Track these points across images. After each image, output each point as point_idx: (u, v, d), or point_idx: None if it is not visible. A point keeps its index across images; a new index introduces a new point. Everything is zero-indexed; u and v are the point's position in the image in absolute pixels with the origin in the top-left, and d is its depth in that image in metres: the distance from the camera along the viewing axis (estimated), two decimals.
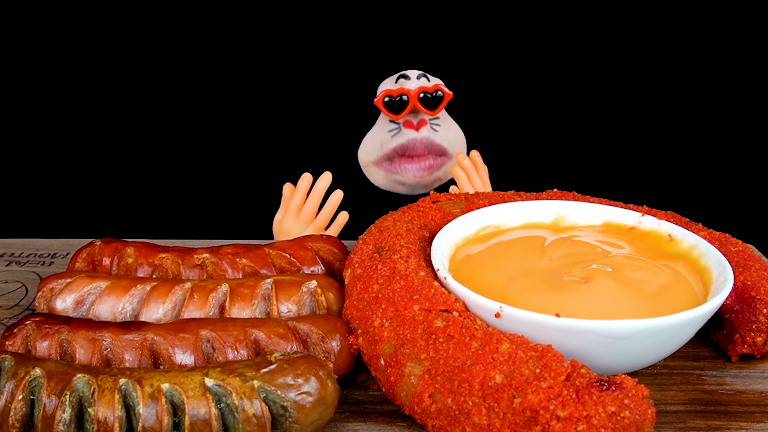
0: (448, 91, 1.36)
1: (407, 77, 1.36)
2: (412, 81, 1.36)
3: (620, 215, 1.06)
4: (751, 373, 0.94)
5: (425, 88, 1.35)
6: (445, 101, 1.37)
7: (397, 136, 1.39)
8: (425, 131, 1.38)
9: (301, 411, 0.77)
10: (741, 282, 0.95)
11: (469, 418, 0.74)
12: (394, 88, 1.36)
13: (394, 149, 1.41)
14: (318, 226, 1.37)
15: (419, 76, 1.37)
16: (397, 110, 1.35)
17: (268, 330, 0.87)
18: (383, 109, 1.36)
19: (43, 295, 0.96)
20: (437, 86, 1.35)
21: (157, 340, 0.85)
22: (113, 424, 0.74)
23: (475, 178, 1.39)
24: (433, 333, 0.80)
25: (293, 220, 1.36)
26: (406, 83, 1.35)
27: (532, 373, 0.73)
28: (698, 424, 0.85)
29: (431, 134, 1.39)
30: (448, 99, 1.37)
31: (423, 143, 1.39)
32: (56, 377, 0.76)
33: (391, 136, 1.39)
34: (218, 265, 1.03)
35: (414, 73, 1.37)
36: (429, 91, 1.34)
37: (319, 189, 1.35)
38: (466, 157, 1.39)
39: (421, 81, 1.37)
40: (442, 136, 1.41)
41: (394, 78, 1.40)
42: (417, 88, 1.35)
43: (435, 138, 1.40)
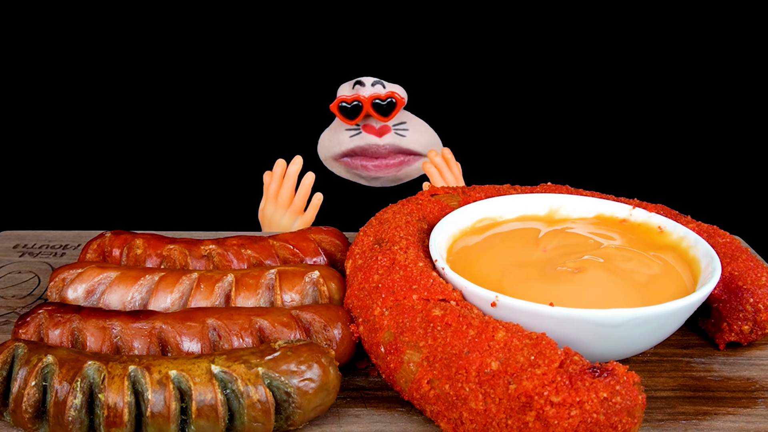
0: (402, 97, 1.35)
1: (362, 84, 1.36)
2: (367, 88, 1.35)
3: (612, 208, 1.06)
4: (738, 360, 0.94)
5: (378, 95, 1.34)
6: (398, 108, 1.36)
7: (356, 138, 1.38)
8: (389, 138, 1.38)
9: (304, 397, 0.77)
10: (728, 272, 0.94)
11: (466, 404, 0.74)
12: (348, 94, 1.36)
13: (352, 149, 1.40)
14: (295, 209, 1.37)
15: (374, 83, 1.36)
16: (351, 116, 1.34)
17: (272, 319, 0.87)
18: (338, 114, 1.36)
19: (55, 284, 0.96)
20: (391, 93, 1.34)
21: (165, 329, 0.85)
22: (123, 409, 0.74)
23: (447, 175, 1.39)
24: (431, 321, 0.80)
25: (273, 205, 1.37)
26: (360, 90, 1.35)
27: (527, 360, 0.73)
28: (687, 410, 0.85)
29: (396, 140, 1.39)
30: (401, 105, 1.36)
31: (387, 148, 1.38)
32: (68, 364, 0.76)
33: (350, 136, 1.39)
34: (224, 256, 1.03)
35: (369, 80, 1.36)
36: (382, 98, 1.34)
37: (292, 173, 1.35)
38: (437, 154, 1.39)
39: (376, 88, 1.36)
40: (410, 140, 1.40)
41: (351, 83, 1.39)
42: (370, 95, 1.34)
43: (402, 143, 1.39)
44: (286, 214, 1.37)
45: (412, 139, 1.39)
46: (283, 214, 1.36)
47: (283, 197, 1.35)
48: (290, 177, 1.36)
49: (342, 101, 1.33)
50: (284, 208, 1.36)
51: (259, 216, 1.43)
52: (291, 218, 1.37)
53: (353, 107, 1.32)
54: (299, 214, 1.38)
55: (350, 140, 1.39)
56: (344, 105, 1.33)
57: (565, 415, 0.69)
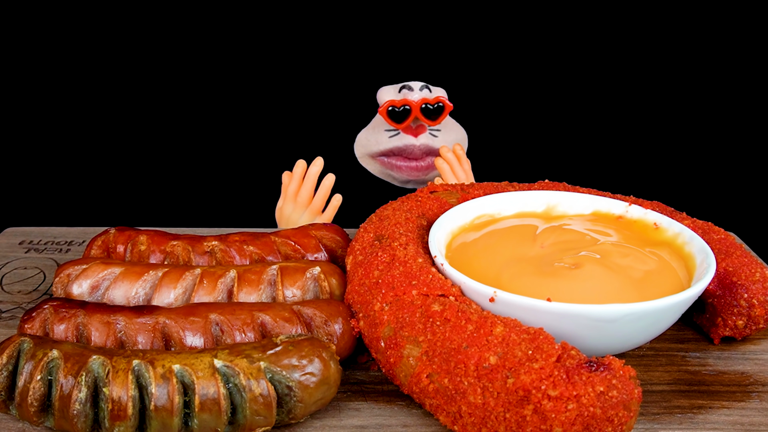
0: (449, 103, 1.36)
1: (410, 89, 1.36)
2: (415, 93, 1.36)
3: (608, 205, 1.06)
4: (732, 355, 0.94)
5: (427, 99, 1.35)
6: (445, 113, 1.37)
7: (395, 139, 1.39)
8: (423, 138, 1.39)
9: (306, 390, 0.77)
10: (723, 268, 0.94)
11: (465, 398, 0.74)
12: (397, 98, 1.36)
13: (390, 149, 1.41)
14: (314, 210, 1.37)
15: (422, 88, 1.37)
16: (399, 119, 1.35)
17: (274, 314, 0.87)
18: (386, 119, 1.36)
19: (61, 280, 0.96)
20: (438, 98, 1.35)
21: (168, 324, 0.85)
22: (127, 403, 0.74)
23: (458, 170, 1.39)
24: (430, 316, 0.80)
25: (291, 205, 1.37)
26: (409, 94, 1.36)
27: (525, 355, 0.73)
28: (682, 403, 0.85)
29: (429, 140, 1.40)
30: (449, 110, 1.37)
31: (421, 149, 1.39)
32: (73, 359, 0.76)
33: (389, 136, 1.39)
34: (226, 252, 1.03)
35: (417, 85, 1.37)
36: (431, 102, 1.34)
37: (312, 173, 1.36)
38: (449, 150, 1.39)
39: (424, 92, 1.37)
40: (441, 141, 1.42)
41: (396, 87, 1.39)
42: (419, 100, 1.35)
43: (434, 143, 1.41)
44: (305, 214, 1.37)
45: (442, 140, 1.40)
46: (301, 213, 1.37)
47: (302, 197, 1.36)
48: (311, 178, 1.36)
49: (392, 105, 1.34)
50: (303, 208, 1.36)
51: (276, 215, 1.43)
52: (309, 218, 1.37)
53: (402, 111, 1.33)
54: (317, 215, 1.38)
55: (389, 140, 1.40)
56: (393, 109, 1.33)
57: (563, 409, 0.69)
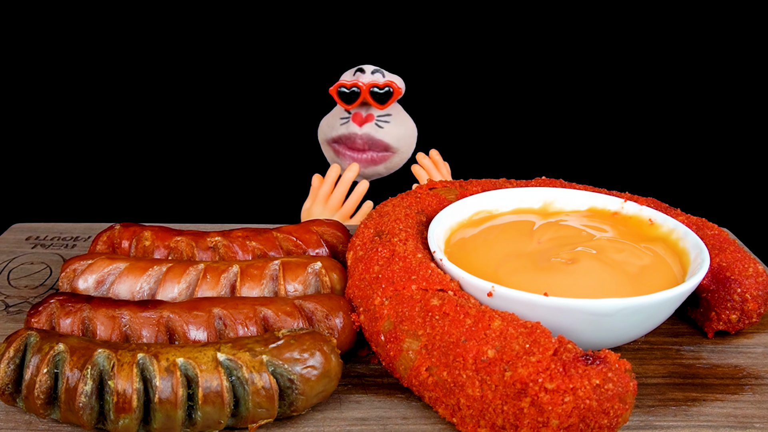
0: (400, 87, 1.37)
1: (363, 71, 1.37)
2: (366, 75, 1.36)
3: (604, 201, 1.06)
4: (726, 349, 0.94)
5: (376, 83, 1.35)
6: (394, 97, 1.37)
7: (343, 126, 1.40)
8: (367, 128, 1.39)
9: (307, 383, 0.77)
10: (717, 263, 0.94)
11: (464, 390, 0.74)
12: (348, 80, 1.37)
13: (337, 136, 1.42)
14: (344, 214, 1.37)
15: (374, 71, 1.37)
16: (349, 101, 1.36)
17: (276, 308, 0.87)
18: (336, 98, 1.37)
19: (67, 275, 0.95)
20: (389, 82, 1.35)
21: (172, 318, 0.85)
22: (132, 395, 0.74)
23: (435, 176, 1.39)
24: (429, 311, 0.80)
25: (321, 207, 1.37)
26: (360, 76, 1.36)
27: (522, 348, 0.73)
28: (677, 396, 0.85)
29: (372, 130, 1.39)
30: (398, 95, 1.37)
31: (362, 138, 1.39)
32: (78, 352, 0.76)
33: (340, 124, 1.40)
34: (229, 247, 1.03)
35: (369, 68, 1.38)
36: (380, 86, 1.35)
37: (347, 179, 1.36)
38: (425, 156, 1.39)
39: (375, 76, 1.37)
40: (386, 132, 1.41)
41: (353, 70, 1.40)
42: (369, 83, 1.35)
43: (376, 134, 1.40)
44: (335, 217, 1.37)
45: (388, 131, 1.40)
46: (331, 216, 1.37)
47: (333, 201, 1.37)
48: (344, 183, 1.37)
49: (341, 86, 1.34)
50: (333, 211, 1.37)
51: (303, 215, 1.43)
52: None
53: (351, 93, 1.34)
54: (347, 219, 1.38)
55: (339, 127, 1.40)
56: (343, 90, 1.34)
57: (559, 401, 0.69)
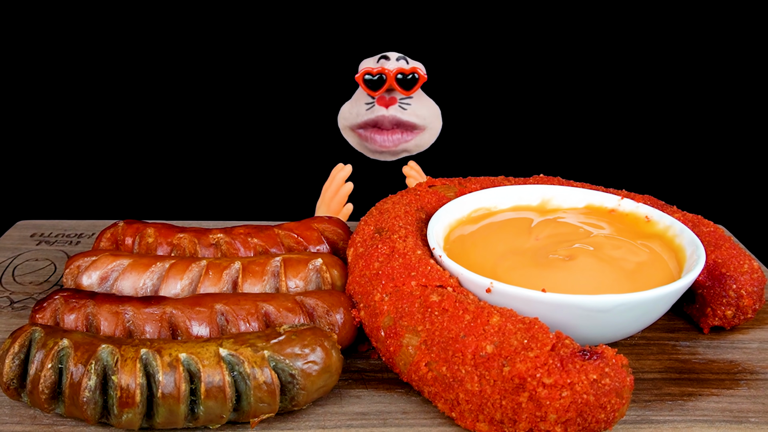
0: (424, 74, 1.38)
1: (387, 58, 1.38)
2: (392, 62, 1.37)
3: (601, 198, 1.06)
4: (721, 344, 0.94)
5: (403, 69, 1.36)
6: (419, 83, 1.38)
7: (370, 111, 1.41)
8: (393, 110, 1.40)
9: (308, 378, 0.77)
10: (712, 260, 0.94)
11: (462, 385, 0.74)
12: (374, 67, 1.38)
13: (365, 121, 1.43)
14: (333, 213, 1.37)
15: (399, 59, 1.39)
16: (374, 87, 1.37)
17: (278, 304, 0.87)
18: (362, 85, 1.38)
19: (71, 272, 0.95)
20: (414, 69, 1.36)
21: (175, 314, 0.85)
22: (135, 390, 0.74)
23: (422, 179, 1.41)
24: (429, 307, 0.80)
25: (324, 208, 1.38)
26: (386, 63, 1.37)
27: (520, 344, 0.73)
28: (673, 391, 0.85)
29: (398, 112, 1.41)
30: (423, 81, 1.39)
31: (390, 120, 1.40)
32: (82, 347, 0.76)
33: (366, 109, 1.41)
34: (231, 244, 1.03)
35: (394, 55, 1.39)
36: (406, 72, 1.36)
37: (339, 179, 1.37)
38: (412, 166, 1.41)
39: (400, 63, 1.38)
40: (410, 113, 1.42)
41: (376, 58, 1.41)
42: (395, 69, 1.36)
43: (402, 116, 1.41)
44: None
45: (412, 112, 1.41)
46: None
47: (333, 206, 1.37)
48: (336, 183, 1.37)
49: (367, 72, 1.35)
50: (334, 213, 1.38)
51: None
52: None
53: (378, 79, 1.35)
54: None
55: (366, 113, 1.41)
56: (369, 77, 1.35)
57: (557, 396, 0.69)
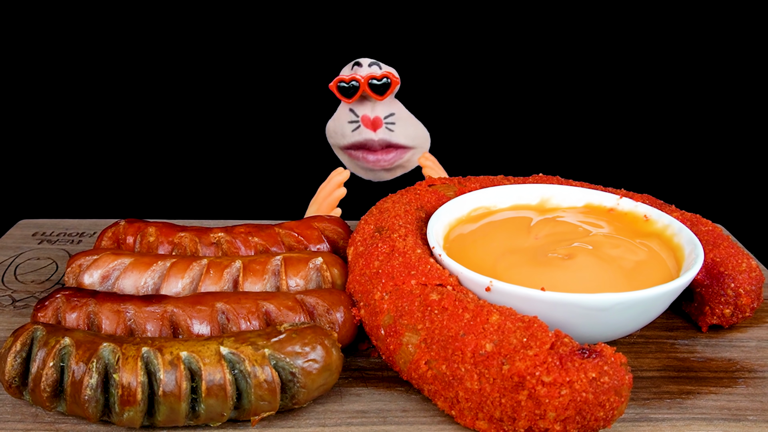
0: (396, 78, 1.37)
1: (360, 65, 1.37)
2: (364, 68, 1.36)
3: (600, 197, 1.06)
4: (719, 342, 0.94)
5: (374, 75, 1.35)
6: (392, 88, 1.37)
7: (356, 133, 1.39)
8: (381, 133, 1.39)
9: (308, 377, 0.77)
10: (710, 259, 0.94)
11: (462, 383, 0.74)
12: (347, 74, 1.37)
13: (353, 143, 1.42)
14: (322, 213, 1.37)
15: (371, 64, 1.37)
16: (348, 94, 1.36)
17: (278, 303, 0.87)
18: (336, 93, 1.37)
19: (72, 270, 0.95)
20: (386, 74, 1.35)
21: (176, 312, 0.85)
22: (136, 388, 0.74)
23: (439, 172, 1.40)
24: (429, 305, 0.80)
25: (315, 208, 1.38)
26: (358, 70, 1.36)
27: (520, 342, 0.73)
28: (671, 389, 0.85)
29: (386, 135, 1.40)
30: (396, 86, 1.37)
31: (380, 143, 1.39)
32: (84, 346, 0.76)
33: (351, 130, 1.40)
34: (232, 243, 1.03)
35: (366, 61, 1.38)
36: (377, 78, 1.35)
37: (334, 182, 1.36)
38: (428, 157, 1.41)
39: (372, 68, 1.37)
40: (398, 134, 1.41)
41: (350, 65, 1.40)
42: (367, 75, 1.35)
43: (392, 138, 1.40)
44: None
45: (400, 133, 1.40)
46: None
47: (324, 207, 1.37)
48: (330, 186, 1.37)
49: (340, 80, 1.35)
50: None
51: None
52: None
53: (350, 86, 1.34)
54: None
55: (352, 134, 1.40)
56: (342, 84, 1.34)
57: (556, 394, 0.69)
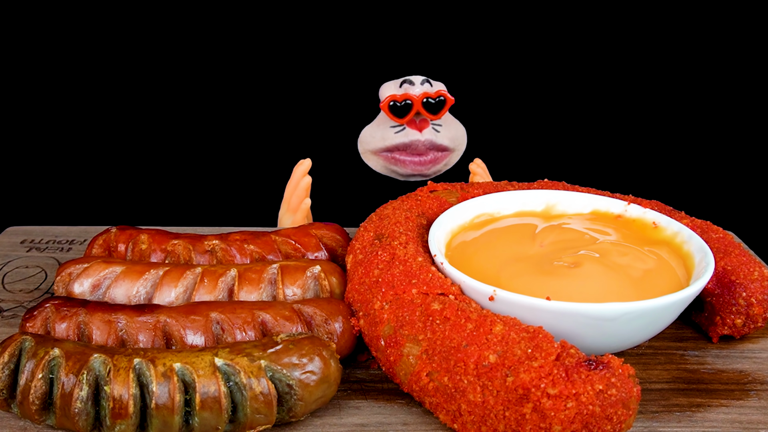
0: (450, 96, 1.36)
1: (411, 83, 1.36)
2: (416, 87, 1.36)
3: (607, 204, 1.06)
4: (731, 354, 0.94)
5: (428, 93, 1.34)
6: (447, 106, 1.37)
7: (401, 134, 1.39)
8: (428, 133, 1.39)
9: (306, 389, 0.77)
10: (721, 267, 0.94)
11: (465, 396, 0.74)
12: (398, 93, 1.36)
13: (396, 145, 1.41)
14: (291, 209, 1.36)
15: (423, 82, 1.37)
16: (401, 114, 1.35)
17: (275, 312, 0.87)
18: (388, 113, 1.36)
19: (62, 279, 0.95)
20: (440, 92, 1.34)
21: (169, 322, 0.85)
22: (128, 401, 0.74)
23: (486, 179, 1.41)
24: (430, 315, 0.80)
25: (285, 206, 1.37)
26: (410, 89, 1.35)
27: (524, 353, 0.73)
28: (681, 402, 0.85)
29: (433, 136, 1.39)
30: (450, 104, 1.37)
31: (425, 144, 1.39)
32: (74, 357, 0.76)
33: (395, 132, 1.39)
34: (227, 251, 1.03)
35: (418, 79, 1.37)
36: (432, 96, 1.34)
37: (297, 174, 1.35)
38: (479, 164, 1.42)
39: (425, 87, 1.36)
40: (443, 135, 1.42)
41: (398, 82, 1.39)
42: (421, 94, 1.34)
43: (437, 139, 1.40)
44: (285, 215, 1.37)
45: (444, 134, 1.41)
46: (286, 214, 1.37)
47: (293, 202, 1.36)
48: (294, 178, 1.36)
49: (393, 100, 1.34)
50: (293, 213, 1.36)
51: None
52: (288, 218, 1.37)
53: (404, 105, 1.33)
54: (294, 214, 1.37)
55: (395, 136, 1.39)
56: (395, 103, 1.33)
57: (562, 407, 0.69)
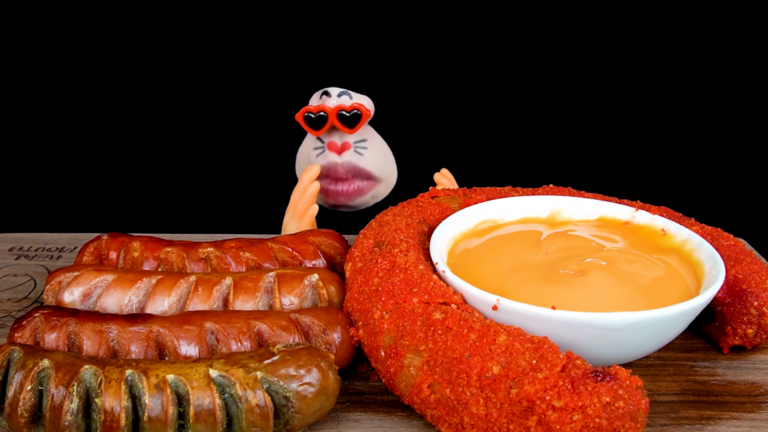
0: (368, 109, 1.34)
1: (329, 94, 1.35)
2: (332, 99, 1.35)
3: (614, 210, 1.06)
4: (742, 365, 0.94)
5: (343, 106, 1.33)
6: (363, 120, 1.35)
7: (320, 157, 1.38)
8: (347, 155, 1.37)
9: (303, 401, 0.77)
10: (732, 275, 0.94)
11: (467, 408, 0.74)
12: (314, 104, 1.35)
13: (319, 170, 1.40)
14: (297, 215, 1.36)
15: (340, 94, 1.35)
16: (316, 126, 1.34)
17: (271, 322, 0.87)
18: (303, 124, 1.35)
19: (52, 288, 0.96)
20: (356, 105, 1.32)
21: (162, 332, 0.85)
22: (120, 413, 0.74)
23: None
24: (432, 325, 0.80)
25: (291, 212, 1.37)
26: (327, 100, 1.34)
27: (529, 364, 0.73)
28: (691, 414, 0.85)
29: (354, 158, 1.38)
30: (366, 118, 1.35)
31: (345, 167, 1.37)
32: (64, 368, 0.76)
33: (316, 155, 1.38)
34: (222, 258, 1.03)
35: (335, 91, 1.35)
36: (347, 109, 1.33)
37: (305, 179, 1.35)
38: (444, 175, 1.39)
39: (342, 99, 1.35)
40: (367, 159, 1.39)
41: (318, 94, 1.38)
42: (335, 106, 1.33)
43: (359, 162, 1.38)
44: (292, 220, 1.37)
45: (369, 159, 1.38)
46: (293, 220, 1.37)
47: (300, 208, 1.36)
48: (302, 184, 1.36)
49: (307, 111, 1.33)
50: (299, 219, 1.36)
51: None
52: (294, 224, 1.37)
53: (318, 117, 1.32)
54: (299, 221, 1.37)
55: (315, 159, 1.38)
56: (309, 115, 1.32)
57: (568, 420, 0.69)
